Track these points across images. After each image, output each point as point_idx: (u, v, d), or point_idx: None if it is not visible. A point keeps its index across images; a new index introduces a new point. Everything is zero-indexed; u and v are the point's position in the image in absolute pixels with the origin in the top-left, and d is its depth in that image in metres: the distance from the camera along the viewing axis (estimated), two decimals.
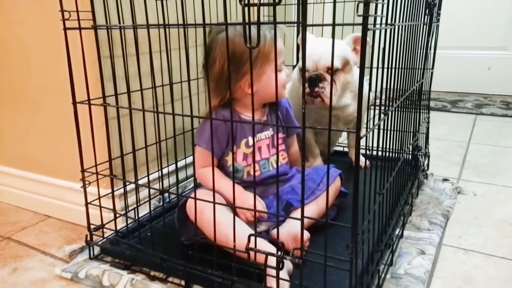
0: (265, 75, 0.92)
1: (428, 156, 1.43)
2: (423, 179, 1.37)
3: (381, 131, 0.79)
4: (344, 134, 1.60)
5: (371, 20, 0.59)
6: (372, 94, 0.96)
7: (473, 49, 2.89)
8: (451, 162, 1.61)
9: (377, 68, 0.72)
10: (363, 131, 0.68)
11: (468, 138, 1.92)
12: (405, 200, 1.09)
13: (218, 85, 0.92)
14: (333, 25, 0.58)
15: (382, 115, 0.76)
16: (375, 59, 0.76)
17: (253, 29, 0.63)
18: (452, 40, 2.80)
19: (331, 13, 1.71)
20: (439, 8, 1.31)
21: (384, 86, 0.76)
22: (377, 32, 0.69)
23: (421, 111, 1.27)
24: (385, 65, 0.75)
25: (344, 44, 1.16)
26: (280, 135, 1.04)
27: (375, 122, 0.72)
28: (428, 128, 1.42)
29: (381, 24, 0.66)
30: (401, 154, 0.94)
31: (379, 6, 0.62)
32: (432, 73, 1.39)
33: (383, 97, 0.78)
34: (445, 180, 1.38)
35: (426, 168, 1.42)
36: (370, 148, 0.92)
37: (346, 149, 1.55)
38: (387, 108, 0.78)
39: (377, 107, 0.78)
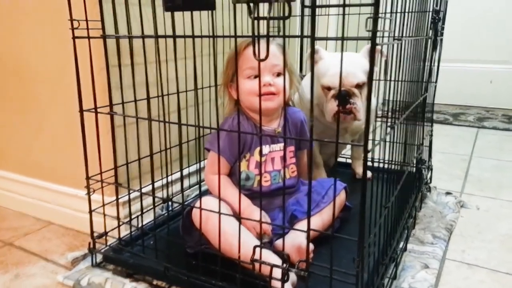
0: (239, 82, 0.93)
1: (431, 169, 1.44)
2: (426, 192, 1.37)
3: (387, 144, 0.79)
4: (349, 145, 1.60)
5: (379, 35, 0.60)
6: (379, 106, 0.96)
7: (475, 63, 2.90)
8: (454, 176, 1.61)
9: (384, 80, 0.73)
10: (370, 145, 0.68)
11: (470, 152, 1.92)
12: (408, 213, 1.09)
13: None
14: (342, 39, 0.59)
15: (388, 129, 0.76)
16: (381, 72, 0.76)
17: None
18: (454, 53, 2.82)
19: (334, 26, 1.72)
20: (443, 23, 1.32)
21: (390, 99, 0.77)
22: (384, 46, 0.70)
23: (425, 124, 1.28)
24: (392, 78, 0.76)
25: (362, 58, 1.16)
26: (292, 148, 1.04)
27: (382, 136, 0.73)
28: (431, 141, 1.43)
29: (388, 38, 0.67)
30: (406, 167, 0.94)
31: (387, 21, 0.63)
32: (435, 86, 1.40)
33: (389, 110, 0.79)
34: (448, 193, 1.38)
35: (429, 181, 1.42)
36: (375, 160, 0.92)
37: (349, 160, 1.55)
38: (393, 121, 0.78)
39: (383, 120, 0.79)
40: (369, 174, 1.47)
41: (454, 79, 2.88)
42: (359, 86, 1.13)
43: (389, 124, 0.77)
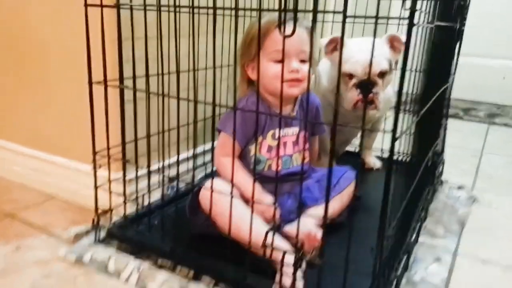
0: (261, 64, 0.85)
1: (443, 163, 1.41)
2: (437, 185, 1.34)
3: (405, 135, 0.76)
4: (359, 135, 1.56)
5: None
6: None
7: (488, 57, 2.84)
8: (464, 171, 1.58)
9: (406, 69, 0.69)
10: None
11: (481, 148, 1.89)
12: (422, 206, 1.06)
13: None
14: (376, 17, 0.55)
15: (413, 118, 0.73)
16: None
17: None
18: (467, 46, 2.75)
19: (352, 4, 1.67)
20: (466, 13, 1.28)
21: (415, 88, 0.74)
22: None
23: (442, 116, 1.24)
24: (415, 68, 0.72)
25: (384, 45, 1.12)
26: (306, 133, 1.01)
27: (406, 125, 0.70)
28: (445, 135, 1.40)
29: (423, 22, 0.63)
30: (424, 159, 0.92)
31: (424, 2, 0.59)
32: (453, 78, 1.36)
33: (410, 100, 0.75)
34: (460, 188, 1.36)
35: (441, 175, 1.39)
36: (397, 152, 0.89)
37: (357, 150, 1.52)
38: (417, 112, 0.75)
39: (406, 111, 0.75)
40: (378, 164, 1.45)
41: (466, 72, 2.81)
42: (381, 75, 1.09)
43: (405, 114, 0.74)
